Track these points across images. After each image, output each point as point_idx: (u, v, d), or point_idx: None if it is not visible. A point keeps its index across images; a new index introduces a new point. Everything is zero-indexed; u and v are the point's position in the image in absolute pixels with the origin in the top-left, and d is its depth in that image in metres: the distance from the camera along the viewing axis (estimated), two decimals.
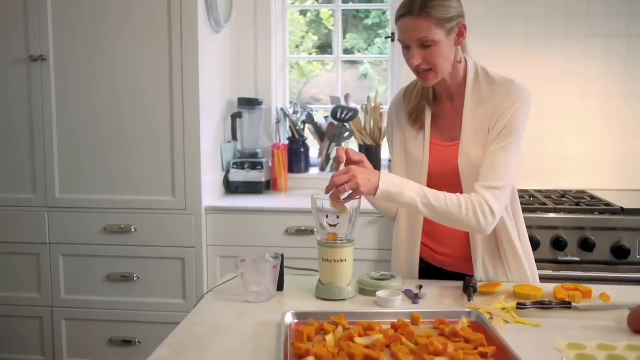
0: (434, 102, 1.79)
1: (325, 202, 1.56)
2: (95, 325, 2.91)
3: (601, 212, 2.60)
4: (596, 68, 3.08)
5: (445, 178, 1.70)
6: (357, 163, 1.61)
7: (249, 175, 3.12)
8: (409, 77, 3.16)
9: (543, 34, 3.08)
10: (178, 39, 2.73)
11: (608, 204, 2.68)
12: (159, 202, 2.82)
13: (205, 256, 2.84)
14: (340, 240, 1.56)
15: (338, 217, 1.55)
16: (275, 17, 3.34)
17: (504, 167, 1.62)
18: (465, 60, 1.73)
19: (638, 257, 2.54)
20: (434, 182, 1.72)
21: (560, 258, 2.55)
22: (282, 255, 1.61)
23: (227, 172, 3.15)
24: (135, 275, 2.86)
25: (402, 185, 1.57)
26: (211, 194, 2.93)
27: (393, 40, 3.38)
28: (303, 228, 2.81)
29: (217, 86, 3.06)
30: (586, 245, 2.54)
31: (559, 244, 2.55)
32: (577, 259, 2.56)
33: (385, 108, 3.37)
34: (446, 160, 1.72)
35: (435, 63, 1.62)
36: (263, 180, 3.12)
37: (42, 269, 2.90)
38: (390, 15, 3.43)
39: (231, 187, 3.14)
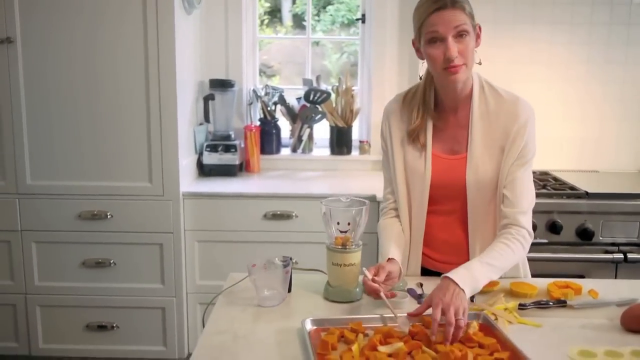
0: (435, 112, 1.80)
1: (334, 210, 1.61)
2: (71, 311, 2.90)
3: (568, 197, 2.75)
4: (560, 55, 3.19)
5: (448, 191, 1.75)
6: (388, 278, 1.60)
7: (222, 158, 3.12)
8: (380, 60, 3.24)
9: (511, 21, 3.16)
10: (153, 20, 2.68)
11: (573, 188, 2.83)
12: (135, 189, 2.80)
13: (183, 241, 2.85)
14: (349, 246, 1.61)
15: (349, 223, 1.60)
16: None
17: (528, 188, 1.72)
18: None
19: (601, 238, 2.70)
20: (436, 195, 1.76)
21: None
22: (290, 259, 1.65)
23: (200, 154, 3.14)
24: (111, 261, 2.85)
25: (475, 276, 1.54)
26: (186, 177, 2.92)
27: (364, 22, 3.39)
28: (279, 212, 2.84)
29: (190, 68, 3.02)
30: (554, 228, 2.68)
31: None
32: (545, 240, 2.70)
33: (356, 90, 3.41)
34: (450, 173, 1.75)
35: (468, 56, 1.64)
36: (237, 162, 3.13)
37: (14, 256, 2.85)
38: None
39: (205, 170, 3.14)
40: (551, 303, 1.59)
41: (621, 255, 2.68)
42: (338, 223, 1.61)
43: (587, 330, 1.48)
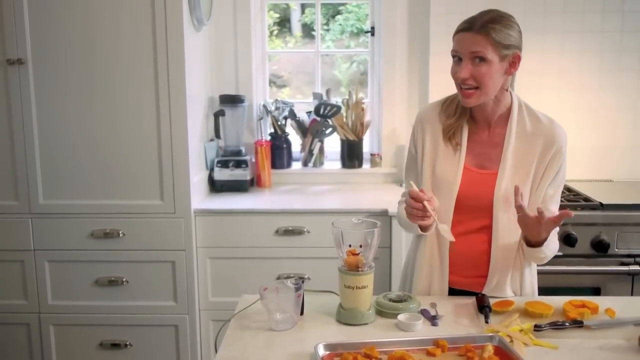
0: (470, 125, 1.82)
1: (345, 232, 1.60)
2: (84, 330, 2.90)
3: (582, 208, 2.71)
4: (571, 63, 3.17)
5: (474, 204, 1.76)
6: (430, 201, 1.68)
7: (233, 174, 3.11)
8: (390, 73, 3.23)
9: (521, 30, 3.14)
10: (163, 38, 2.68)
11: (587, 199, 2.79)
12: (147, 207, 2.80)
13: (195, 258, 2.85)
14: (362, 268, 1.60)
15: (360, 245, 1.59)
16: (254, 12, 3.30)
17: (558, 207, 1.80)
18: (510, 93, 1.79)
19: (617, 250, 2.66)
20: (461, 207, 1.76)
21: None
22: (303, 281, 1.64)
23: (211, 170, 3.14)
24: (124, 279, 2.85)
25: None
26: (197, 194, 2.92)
27: (373, 35, 3.39)
28: (291, 228, 2.83)
29: (200, 85, 3.03)
30: (568, 240, 2.65)
31: None
32: (560, 253, 2.64)
33: (366, 103, 3.41)
34: (479, 186, 1.76)
35: (482, 81, 1.67)
36: (248, 178, 3.13)
37: (28, 276, 2.86)
38: (369, 6, 3.43)
39: (216, 186, 3.14)
40: (567, 324, 1.57)
41: (638, 267, 2.64)
42: (350, 245, 1.60)
43: (604, 351, 1.46)
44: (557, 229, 1.80)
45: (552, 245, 1.75)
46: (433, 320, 1.62)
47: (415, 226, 1.77)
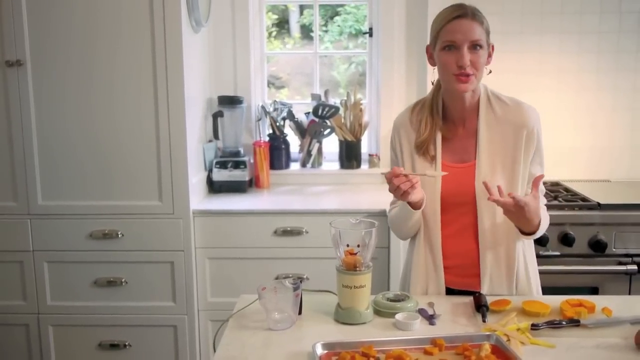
0: (443, 124, 1.83)
1: (343, 231, 1.60)
2: (83, 331, 2.90)
3: (580, 208, 2.72)
4: (569, 64, 3.18)
5: (459, 199, 1.77)
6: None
7: (232, 175, 3.12)
8: (388, 73, 3.24)
9: (519, 31, 3.16)
10: (161, 40, 2.68)
11: (584, 199, 2.80)
12: (145, 207, 2.80)
13: (194, 259, 2.85)
14: (360, 268, 1.60)
15: (358, 245, 1.59)
16: (252, 14, 3.31)
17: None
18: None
19: (614, 250, 2.67)
20: (447, 205, 1.77)
21: (542, 253, 2.66)
22: (301, 280, 1.65)
23: (210, 171, 3.15)
24: (123, 280, 2.85)
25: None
26: (196, 194, 2.92)
27: (371, 36, 3.39)
28: (289, 228, 2.84)
29: (198, 86, 3.04)
30: (566, 240, 2.66)
31: (540, 240, 2.65)
32: (558, 253, 2.68)
33: (365, 103, 3.41)
34: (459, 181, 1.77)
35: (479, 68, 1.70)
36: (246, 179, 3.14)
37: (27, 276, 2.86)
38: (367, 8, 3.44)
39: (214, 187, 3.14)
40: (564, 322, 1.58)
41: (635, 267, 2.64)
42: (347, 245, 1.60)
43: (601, 350, 1.46)
44: (544, 200, 1.84)
45: (544, 223, 1.77)
46: (430, 319, 1.62)
47: (408, 219, 1.79)
